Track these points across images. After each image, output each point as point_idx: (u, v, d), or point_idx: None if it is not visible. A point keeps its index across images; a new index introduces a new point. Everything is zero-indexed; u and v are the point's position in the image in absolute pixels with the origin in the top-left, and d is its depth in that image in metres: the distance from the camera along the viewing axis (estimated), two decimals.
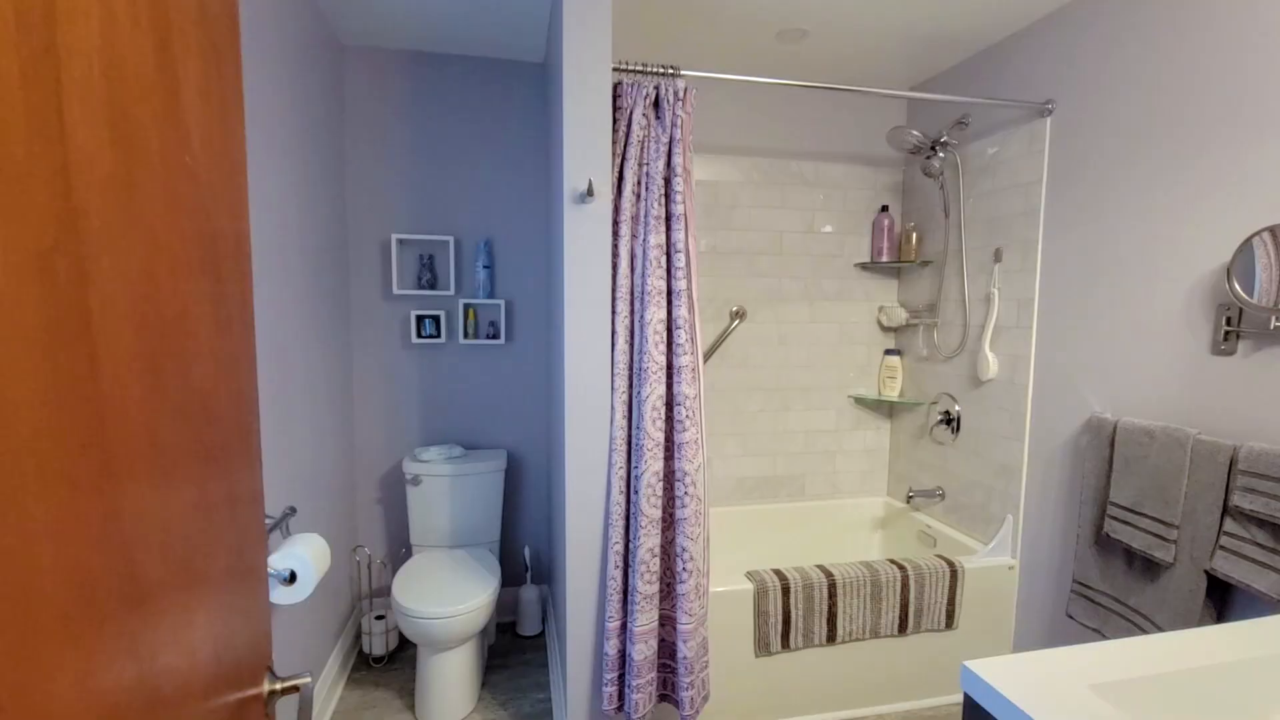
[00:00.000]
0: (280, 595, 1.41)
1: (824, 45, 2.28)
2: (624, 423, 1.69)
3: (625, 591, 1.72)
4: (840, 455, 2.81)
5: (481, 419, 2.52)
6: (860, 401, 2.81)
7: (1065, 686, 0.87)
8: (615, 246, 1.69)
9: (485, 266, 2.40)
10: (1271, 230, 1.36)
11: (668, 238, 1.69)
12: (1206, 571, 1.50)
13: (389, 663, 2.29)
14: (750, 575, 1.96)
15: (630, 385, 1.71)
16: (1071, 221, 1.94)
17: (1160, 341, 1.68)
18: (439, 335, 2.40)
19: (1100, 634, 1.76)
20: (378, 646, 2.26)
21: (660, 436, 1.67)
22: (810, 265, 2.69)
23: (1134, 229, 1.75)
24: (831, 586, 1.96)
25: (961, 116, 2.35)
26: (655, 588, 1.68)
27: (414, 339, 2.36)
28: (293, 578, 1.41)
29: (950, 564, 2.08)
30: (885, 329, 2.80)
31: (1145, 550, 1.61)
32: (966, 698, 0.94)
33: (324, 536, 1.98)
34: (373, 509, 2.47)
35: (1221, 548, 1.47)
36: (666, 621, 1.75)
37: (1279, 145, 1.41)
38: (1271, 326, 1.40)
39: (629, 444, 1.71)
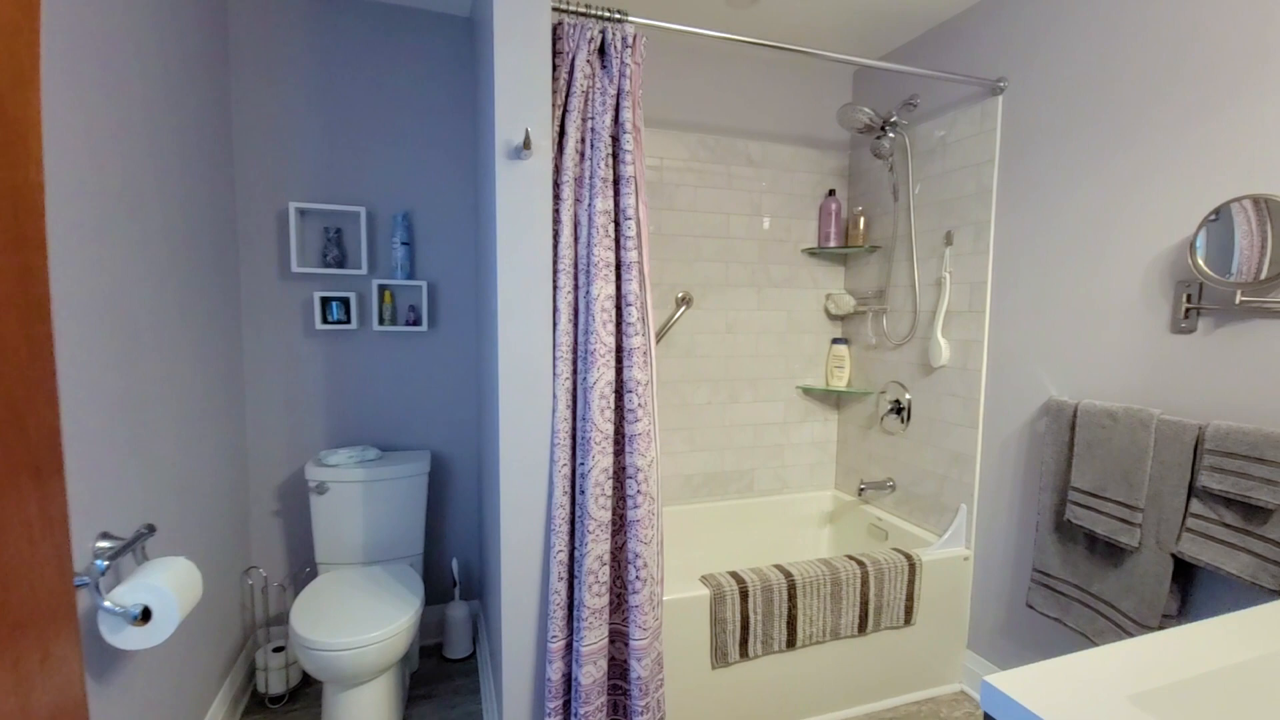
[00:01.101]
0: (130, 638, 1.10)
1: (774, 13, 2.16)
2: (567, 414, 1.48)
3: (570, 606, 1.50)
4: (789, 448, 2.70)
5: (401, 416, 2.22)
6: (808, 392, 2.71)
7: (1102, 698, 0.75)
8: (556, 212, 1.48)
9: (404, 243, 2.12)
10: (1255, 199, 1.32)
11: (616, 203, 1.50)
12: (1173, 555, 1.46)
13: (290, 702, 1.96)
14: (705, 580, 1.79)
15: (575, 371, 1.50)
16: (1024, 201, 1.90)
17: (1118, 321, 1.65)
18: (349, 321, 2.09)
19: (1061, 623, 1.71)
20: (275, 684, 1.93)
21: (609, 428, 1.47)
22: (758, 250, 2.57)
23: (1089, 207, 1.71)
24: (791, 588, 1.83)
25: (910, 97, 2.29)
26: (604, 600, 1.48)
27: (319, 325, 2.04)
28: (146, 615, 1.10)
29: (908, 557, 1.99)
30: (833, 317, 2.72)
31: (1109, 535, 1.56)
32: (988, 719, 0.80)
33: (196, 559, 1.64)
34: (269, 523, 2.13)
35: (1188, 530, 1.43)
36: (617, 638, 1.55)
37: (1232, 116, 1.39)
38: (1237, 301, 1.37)
39: (573, 438, 1.50)
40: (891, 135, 2.31)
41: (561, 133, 1.47)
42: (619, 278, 1.50)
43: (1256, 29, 1.35)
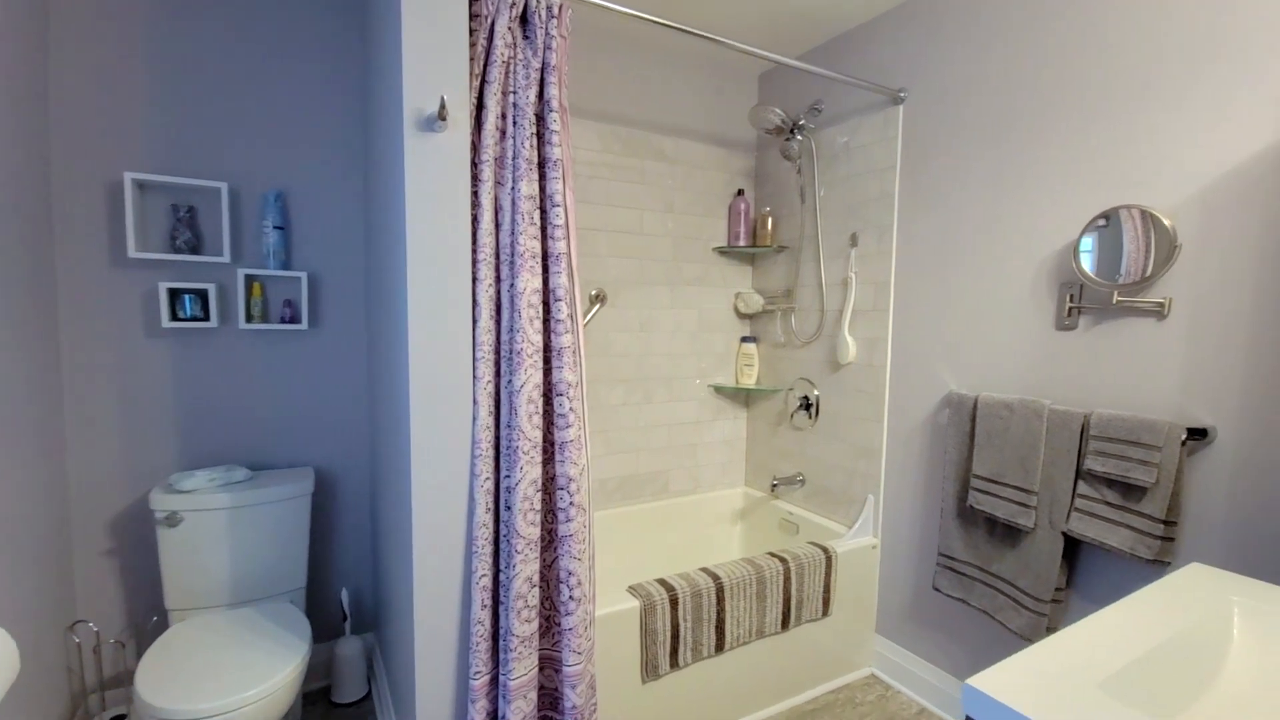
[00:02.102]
0: None
1: (685, 9, 2.13)
2: (490, 421, 1.32)
3: (495, 636, 1.35)
4: (701, 447, 2.69)
5: (276, 429, 1.91)
6: (719, 390, 2.72)
7: (1075, 689, 0.75)
8: (475, 195, 1.32)
9: (277, 227, 1.82)
10: (1135, 209, 1.45)
11: (542, 188, 1.36)
12: (1064, 533, 1.59)
13: None
14: (634, 591, 1.70)
15: (497, 373, 1.35)
16: (924, 206, 2.01)
17: (1011, 319, 1.78)
18: (207, 317, 1.76)
19: (965, 603, 1.82)
20: None
21: (538, 435, 1.33)
22: (671, 248, 2.52)
23: (982, 213, 1.84)
24: (719, 591, 1.79)
25: (815, 102, 2.36)
26: (534, 625, 1.34)
27: (166, 322, 1.70)
28: None
29: (825, 550, 2.04)
30: (742, 315, 2.75)
31: (1009, 518, 1.68)
32: None
33: (4, 622, 1.28)
34: (100, 566, 1.73)
35: (1076, 509, 1.57)
36: (548, 664, 1.42)
37: (1108, 135, 1.54)
38: (1114, 301, 1.52)
39: (497, 447, 1.35)
40: (799, 138, 2.37)
41: (480, 106, 1.31)
42: (546, 270, 1.36)
43: (1133, 57, 1.50)
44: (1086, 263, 1.55)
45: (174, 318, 1.72)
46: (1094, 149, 1.57)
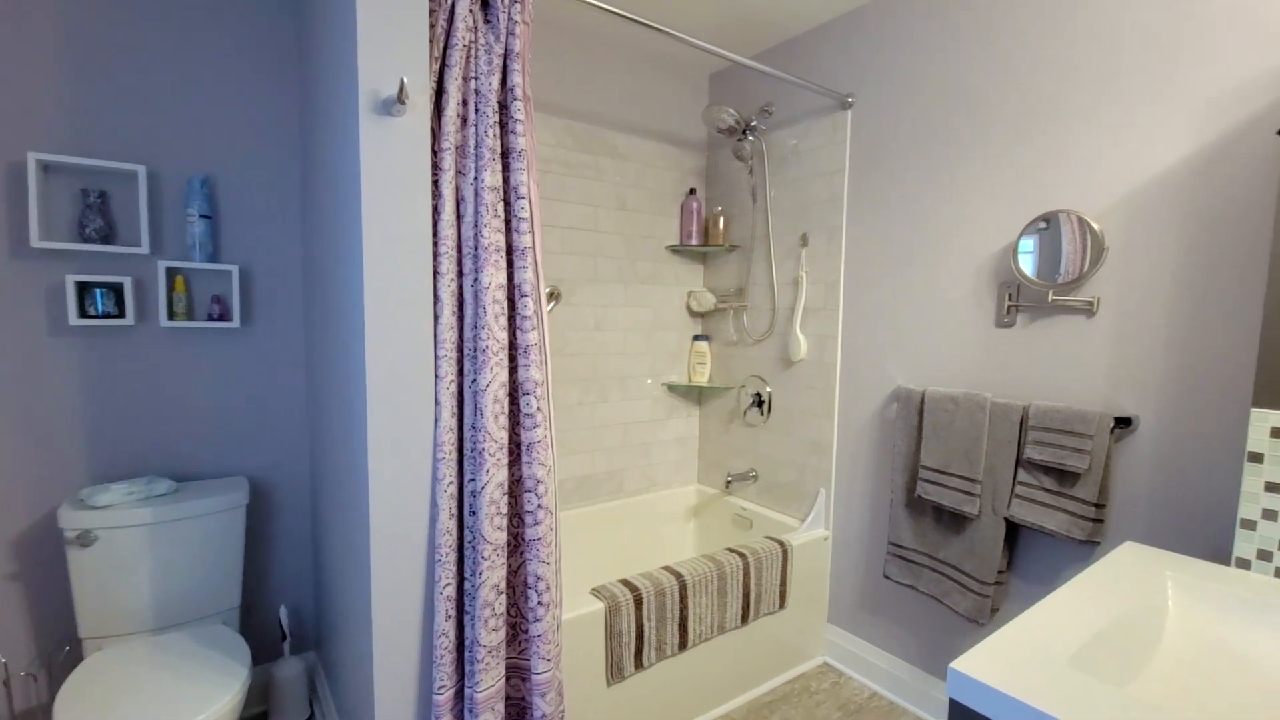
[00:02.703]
0: None
1: (637, 9, 2.12)
2: (453, 422, 1.26)
3: (460, 647, 1.29)
4: (655, 446, 2.68)
5: (204, 436, 1.76)
6: (672, 389, 2.72)
7: (1049, 666, 0.79)
8: (435, 184, 1.25)
9: (204, 216, 1.67)
10: (1077, 214, 1.55)
11: (506, 179, 1.31)
12: (1006, 519, 1.68)
13: None
14: (598, 593, 1.67)
15: (460, 372, 1.29)
16: (872, 209, 2.08)
17: (953, 317, 1.87)
18: (122, 314, 1.60)
19: (914, 589, 1.90)
20: None
21: (504, 436, 1.28)
22: (624, 245, 2.50)
23: (927, 216, 1.92)
24: (682, 588, 1.79)
25: (766, 104, 2.40)
26: (502, 634, 1.29)
27: (74, 319, 1.52)
28: None
29: (781, 544, 2.08)
30: (694, 314, 2.76)
31: (955, 507, 1.76)
32: (955, 704, 0.81)
33: None
34: (2, 592, 1.54)
35: (1017, 496, 1.66)
36: (515, 673, 1.37)
37: (1045, 143, 1.64)
38: (1049, 300, 1.62)
39: (460, 450, 1.29)
40: (751, 139, 2.40)
41: (440, 91, 1.25)
42: (511, 264, 1.31)
43: (1065, 72, 1.60)
44: (1027, 264, 1.65)
45: (83, 314, 1.55)
46: (1028, 158, 1.68)
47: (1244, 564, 1.13)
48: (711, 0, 2.08)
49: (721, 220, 2.61)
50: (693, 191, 2.63)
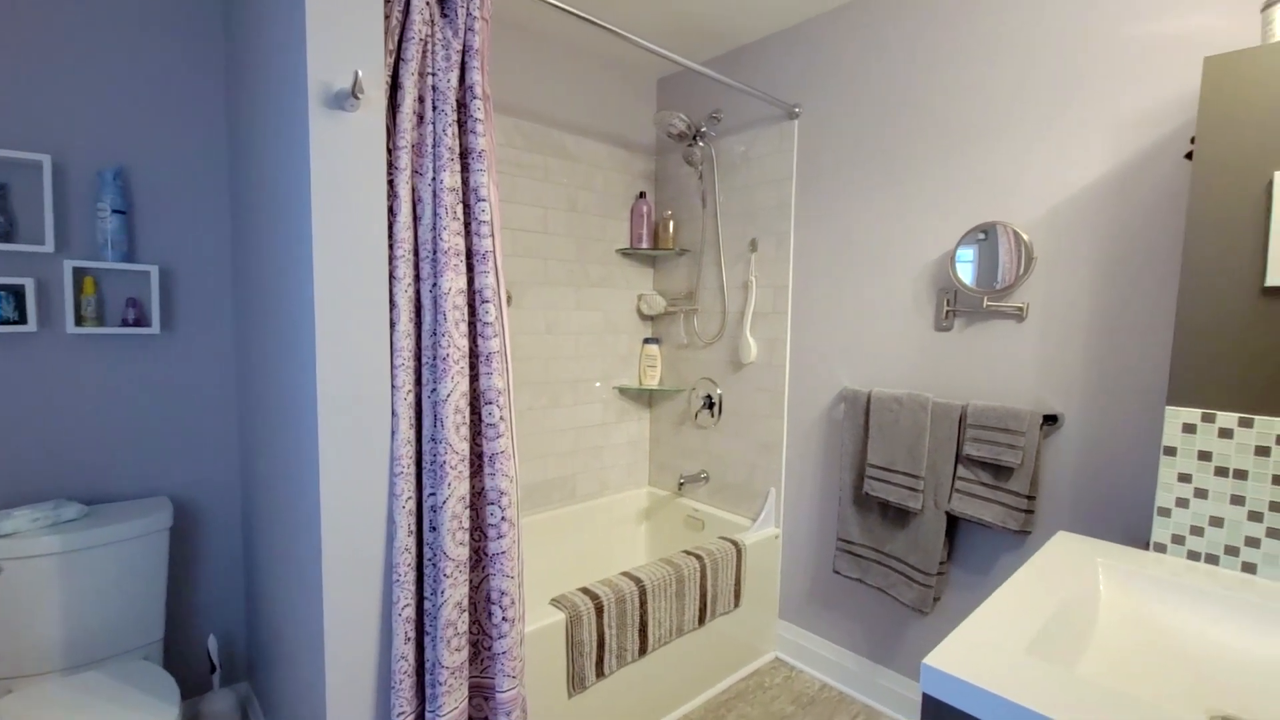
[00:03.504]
0: None
1: (588, 12, 2.10)
2: (411, 434, 1.20)
3: (420, 670, 1.23)
4: (607, 450, 2.67)
5: (119, 454, 1.60)
6: (623, 392, 2.72)
7: (1009, 655, 0.84)
8: (391, 184, 1.19)
9: (118, 211, 1.52)
10: (1011, 226, 1.66)
11: (465, 179, 1.26)
12: (947, 512, 1.78)
13: None
14: (559, 603, 1.64)
15: (418, 381, 1.23)
16: (819, 216, 2.15)
17: (896, 321, 1.96)
18: (23, 320, 1.43)
19: (862, 582, 1.98)
20: None
21: (465, 448, 1.23)
22: (575, 248, 2.48)
23: (871, 225, 2.01)
24: (642, 593, 1.78)
25: (714, 111, 2.44)
26: (465, 654, 1.24)
27: None
28: None
29: (735, 544, 2.11)
30: (645, 317, 2.77)
31: (900, 502, 1.85)
32: (928, 699, 0.84)
33: None
34: None
35: (957, 490, 1.76)
36: (477, 692, 1.32)
37: (978, 159, 1.75)
38: (984, 305, 1.72)
39: (419, 463, 1.23)
40: (701, 145, 2.43)
41: (395, 86, 1.19)
42: (471, 269, 1.27)
43: (991, 93, 1.71)
44: (967, 272, 1.74)
45: None
46: (963, 172, 1.78)
47: (1160, 548, 1.24)
48: (660, 6, 2.09)
49: (671, 224, 2.62)
50: (642, 195, 2.63)
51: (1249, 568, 1.14)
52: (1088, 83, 1.55)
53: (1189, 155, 1.25)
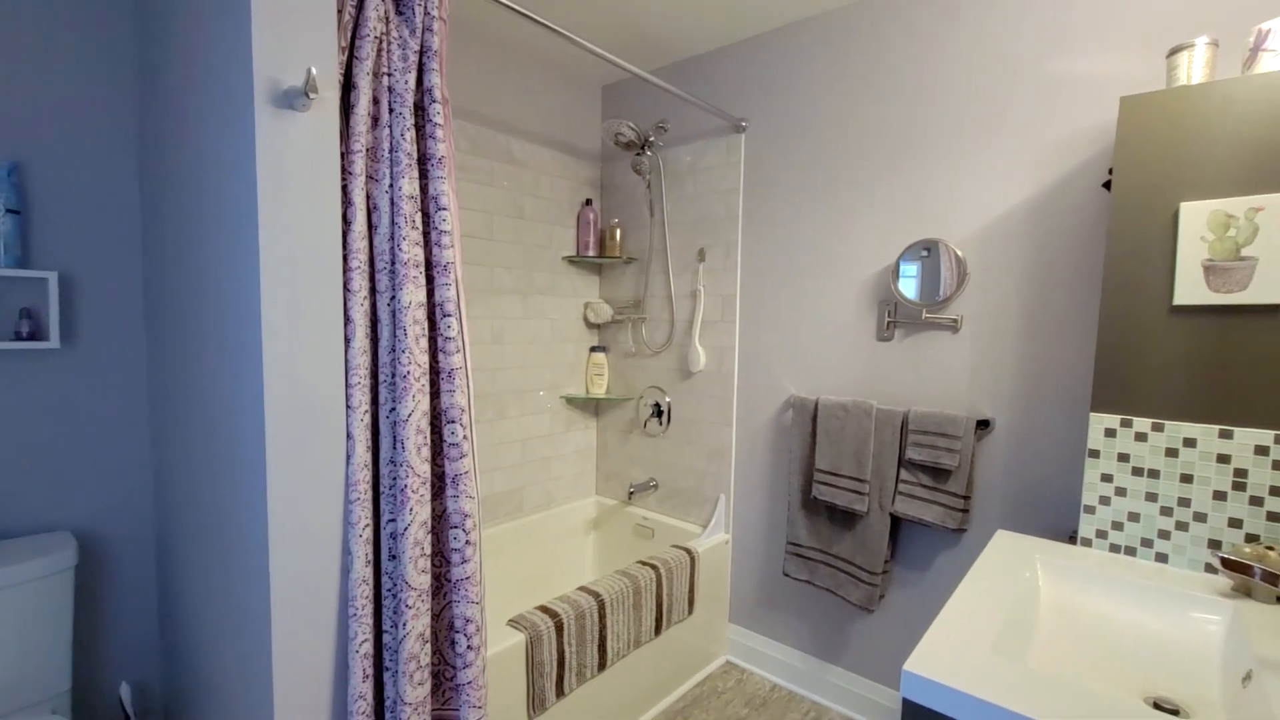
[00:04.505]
0: None
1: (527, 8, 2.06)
2: (368, 457, 1.13)
3: (379, 709, 1.15)
4: (555, 460, 2.62)
5: (13, 484, 1.40)
6: (570, 401, 2.68)
7: (976, 655, 0.89)
8: (344, 190, 1.11)
9: (11, 211, 1.34)
10: (947, 243, 1.76)
11: (424, 186, 1.20)
12: (891, 513, 1.86)
13: None
14: (517, 623, 1.59)
15: (375, 400, 1.16)
16: (766, 228, 2.21)
17: (841, 331, 2.04)
18: None
19: (811, 583, 2.04)
20: None
21: (427, 470, 1.17)
22: (522, 255, 2.42)
23: (816, 237, 2.08)
24: (601, 608, 1.76)
25: (661, 121, 2.45)
26: (427, 688, 1.18)
27: None
28: None
29: (689, 552, 2.13)
30: (591, 325, 2.74)
31: (847, 505, 1.92)
32: (909, 704, 0.88)
33: None
34: None
35: (900, 493, 1.85)
36: None
37: (915, 179, 1.85)
38: (923, 317, 1.83)
39: (376, 488, 1.16)
40: (649, 154, 2.44)
41: (348, 84, 1.12)
42: (431, 280, 1.21)
43: (926, 116, 1.82)
44: (910, 286, 1.83)
45: None
46: (901, 190, 1.88)
47: (1086, 542, 1.35)
48: (606, 13, 2.08)
49: (618, 232, 2.61)
50: (589, 202, 2.61)
51: (1161, 558, 1.26)
52: (1013, 113, 1.67)
53: (1107, 184, 1.38)
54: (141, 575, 1.62)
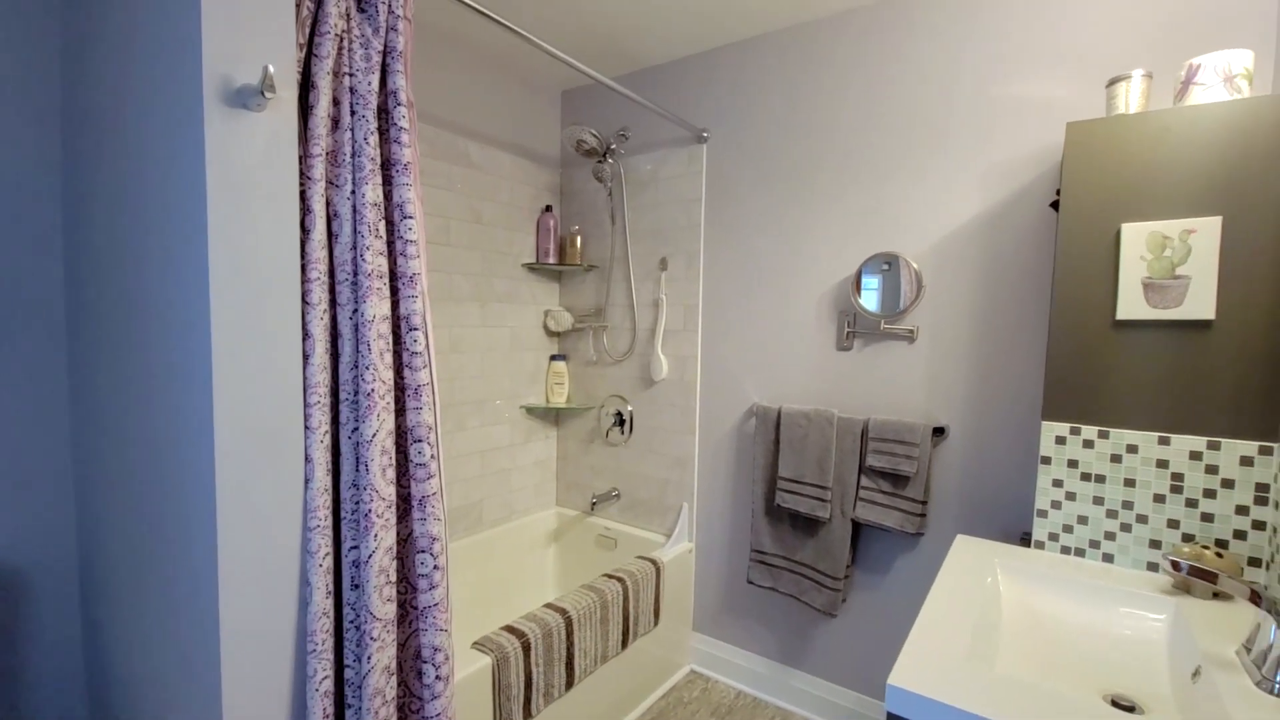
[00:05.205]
0: None
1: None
2: (328, 481, 1.06)
3: None
4: (515, 472, 2.56)
5: None
6: (530, 411, 2.62)
7: (955, 665, 0.91)
8: (302, 198, 1.04)
9: None
10: (905, 256, 1.81)
11: (388, 194, 1.14)
12: (852, 520, 1.91)
13: None
14: (483, 645, 1.54)
15: (336, 420, 1.09)
16: (728, 237, 2.22)
17: (801, 341, 2.07)
18: None
19: (775, 590, 2.06)
20: None
21: (392, 493, 1.11)
22: (480, 261, 2.35)
23: (776, 248, 2.11)
24: (568, 625, 1.72)
25: (622, 129, 2.44)
26: None
27: None
28: None
29: (654, 562, 2.11)
30: (552, 333, 2.69)
31: (809, 513, 1.95)
32: (893, 718, 0.89)
33: None
34: None
35: (860, 499, 1.89)
36: None
37: (873, 194, 1.90)
38: (881, 328, 1.88)
39: (337, 513, 1.09)
40: (611, 162, 2.42)
41: (306, 84, 1.05)
42: (396, 292, 1.15)
43: (881, 133, 1.87)
44: (872, 298, 1.88)
45: None
46: (859, 204, 1.93)
47: (1040, 545, 1.42)
48: (568, 19, 2.05)
49: (579, 239, 2.58)
50: (549, 208, 2.56)
51: (1108, 558, 1.33)
52: (957, 134, 1.74)
53: (1054, 204, 1.45)
54: (61, 609, 1.47)
